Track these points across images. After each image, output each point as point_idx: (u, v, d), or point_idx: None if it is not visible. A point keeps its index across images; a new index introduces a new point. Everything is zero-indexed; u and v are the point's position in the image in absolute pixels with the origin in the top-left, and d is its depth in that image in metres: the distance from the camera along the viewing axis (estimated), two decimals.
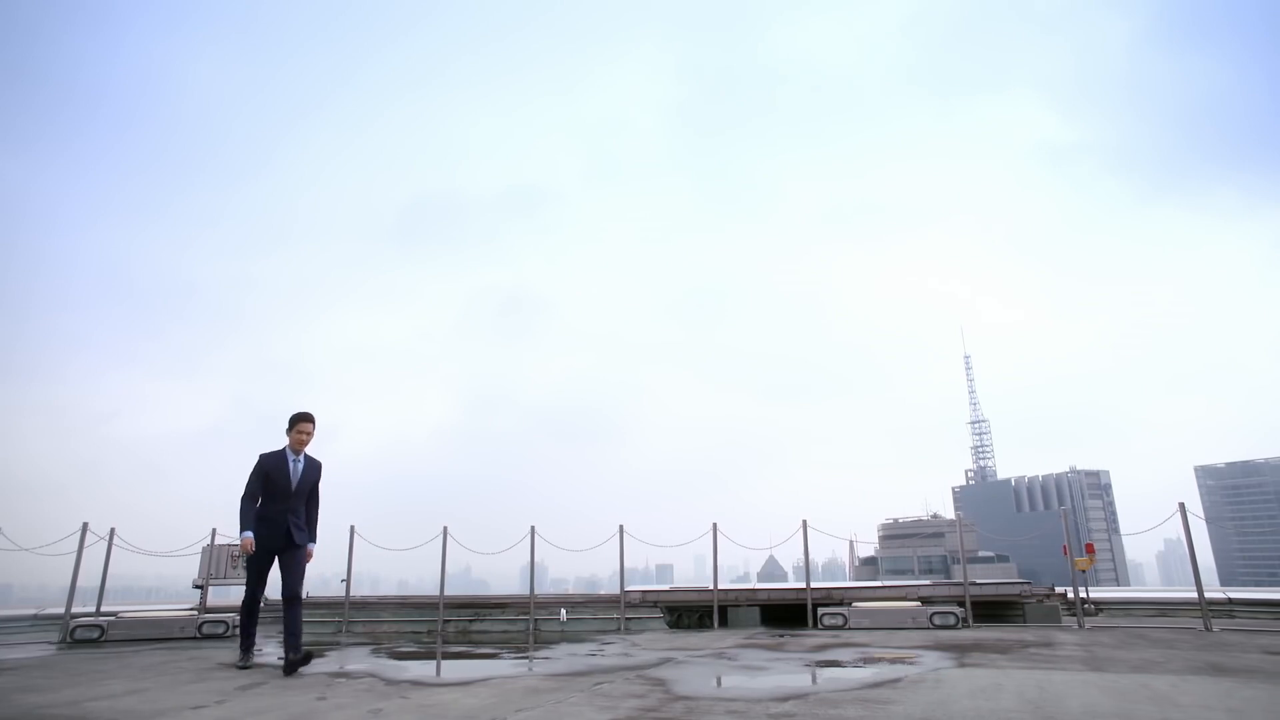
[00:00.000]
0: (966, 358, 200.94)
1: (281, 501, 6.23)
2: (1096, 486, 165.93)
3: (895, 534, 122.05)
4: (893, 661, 6.52)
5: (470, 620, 10.71)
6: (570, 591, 14.37)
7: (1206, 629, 8.72)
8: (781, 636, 8.89)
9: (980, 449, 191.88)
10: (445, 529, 10.76)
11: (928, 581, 11.19)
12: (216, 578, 10.33)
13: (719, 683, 5.61)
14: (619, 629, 10.45)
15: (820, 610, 9.88)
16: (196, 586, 10.35)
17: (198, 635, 9.46)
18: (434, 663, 7.19)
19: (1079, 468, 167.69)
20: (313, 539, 6.46)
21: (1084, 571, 10.19)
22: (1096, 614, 10.43)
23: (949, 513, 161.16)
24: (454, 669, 6.71)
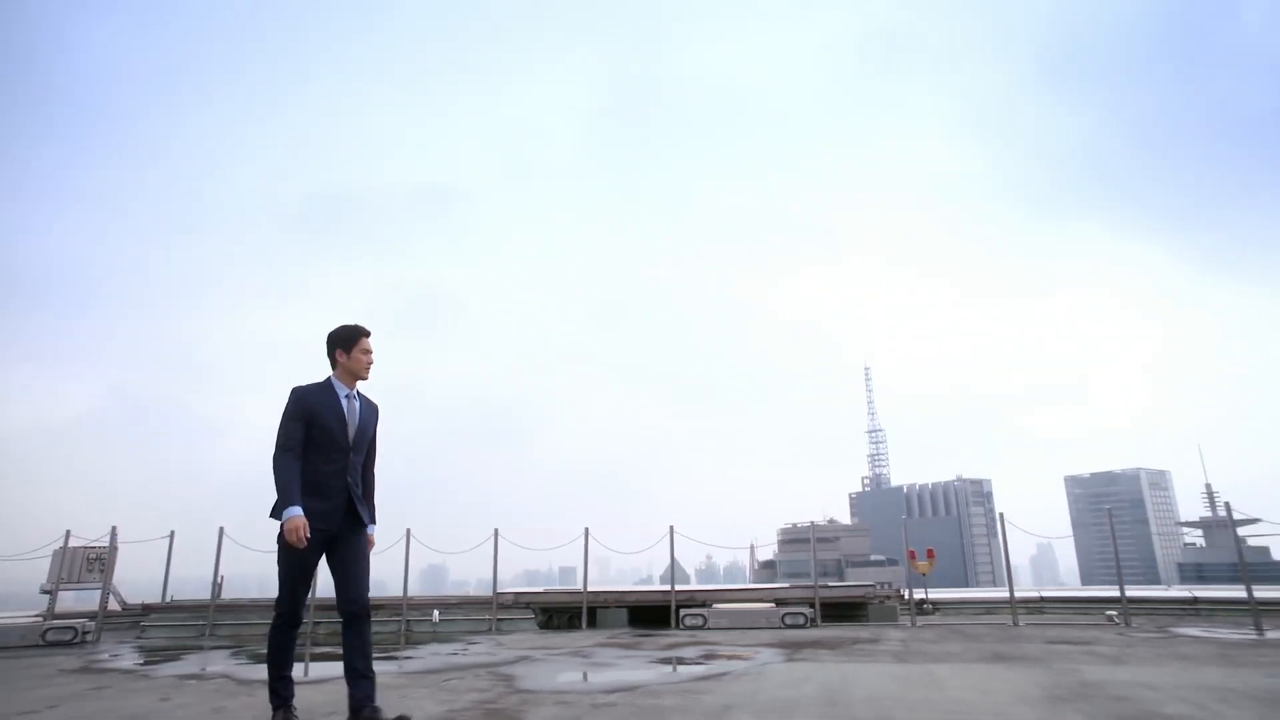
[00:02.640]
0: (866, 369, 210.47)
1: (335, 460, 3.76)
2: (979, 494, 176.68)
3: (793, 538, 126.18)
4: (730, 658, 7.11)
5: None
6: (471, 593, 14.47)
7: (1014, 624, 9.83)
8: (641, 636, 9.41)
9: (876, 457, 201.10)
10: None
11: (785, 584, 12.01)
12: (69, 581, 9.93)
13: (562, 678, 6.01)
14: (491, 630, 10.73)
15: (683, 611, 10.48)
16: (45, 592, 9.90)
17: (41, 643, 9.06)
18: (294, 664, 7.28)
19: (965, 476, 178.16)
20: (373, 519, 4.01)
21: (924, 575, 11.19)
22: (934, 613, 11.48)
23: (846, 518, 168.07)
24: (313, 669, 6.83)
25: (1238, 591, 10.63)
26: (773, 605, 10.53)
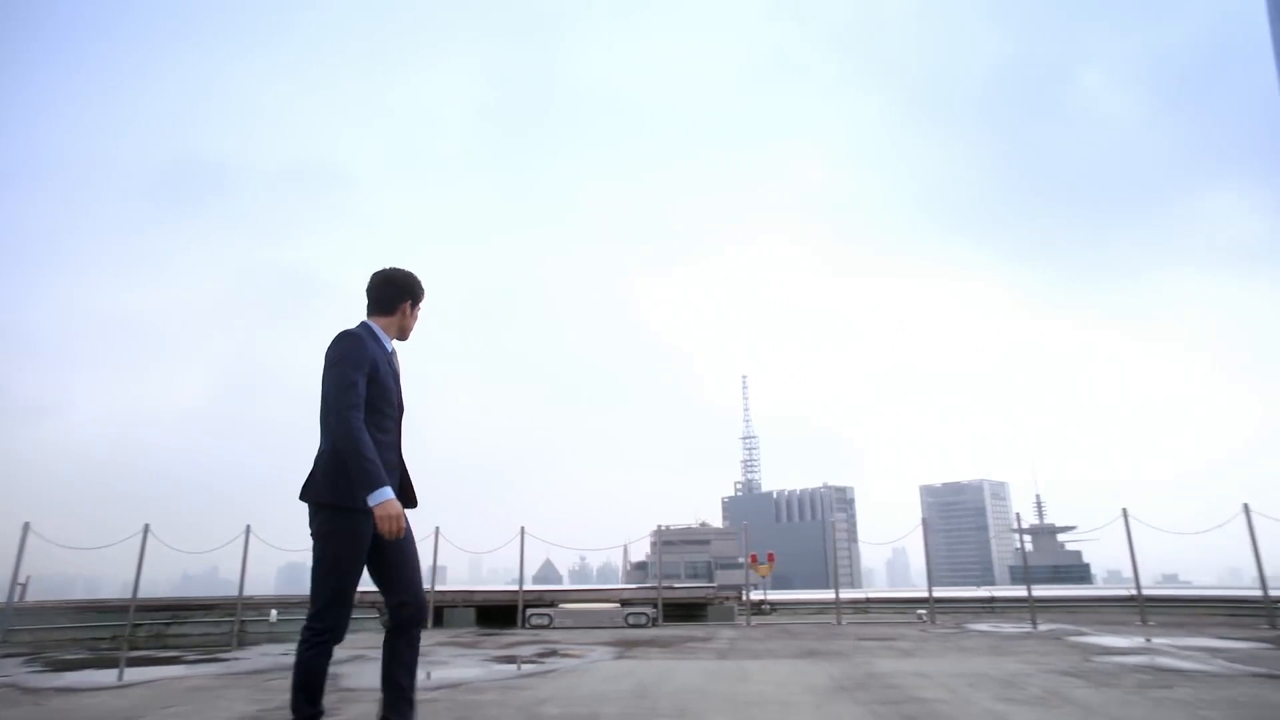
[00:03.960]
0: (744, 377, 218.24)
1: (389, 427, 3.07)
2: (843, 500, 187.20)
3: (665, 540, 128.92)
4: (563, 656, 7.35)
5: (167, 623, 10.14)
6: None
7: (838, 623, 10.68)
8: (484, 635, 9.51)
9: (749, 463, 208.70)
10: (146, 526, 10.10)
11: (632, 586, 12.45)
12: None
13: None
14: None
15: (529, 611, 10.66)
16: None
17: None
18: (101, 670, 6.87)
19: (830, 484, 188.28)
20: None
21: (765, 577, 11.91)
22: (771, 613, 12.25)
23: (718, 521, 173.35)
24: (128, 674, 6.49)
25: (1030, 591, 11.96)
26: (617, 605, 10.91)
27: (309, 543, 2.95)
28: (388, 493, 2.71)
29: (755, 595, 12.05)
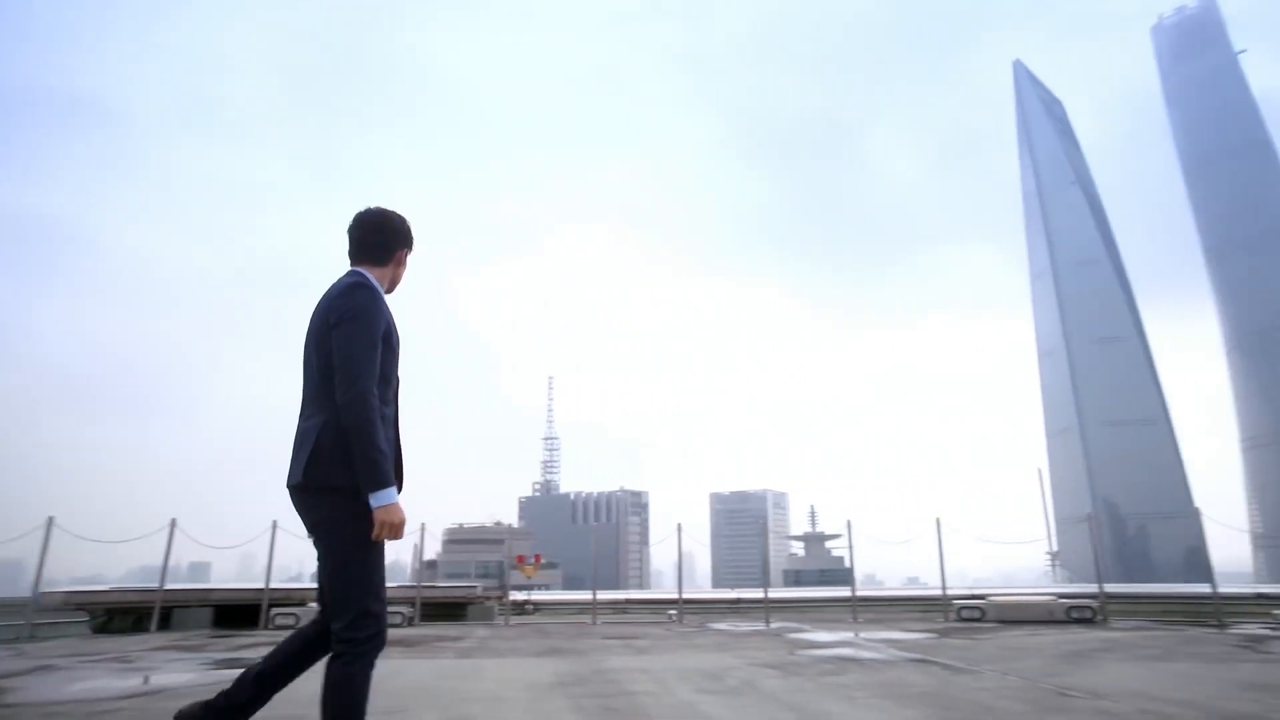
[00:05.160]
0: (550, 378, 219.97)
1: (391, 399, 2.59)
2: (638, 505, 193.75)
3: (459, 539, 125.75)
4: None
5: None
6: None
7: (593, 623, 11.13)
8: (217, 638, 8.80)
9: (549, 463, 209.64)
10: None
11: (391, 585, 12.10)
12: None
13: (77, 687, 5.40)
14: (24, 636, 9.11)
15: (274, 611, 10.01)
16: None
17: None
18: None
19: (626, 488, 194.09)
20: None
21: (530, 578, 12.11)
22: (534, 612, 12.47)
23: (515, 520, 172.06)
24: None
25: (787, 592, 13.19)
26: None
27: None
28: (393, 495, 2.31)
29: (520, 595, 12.21)
